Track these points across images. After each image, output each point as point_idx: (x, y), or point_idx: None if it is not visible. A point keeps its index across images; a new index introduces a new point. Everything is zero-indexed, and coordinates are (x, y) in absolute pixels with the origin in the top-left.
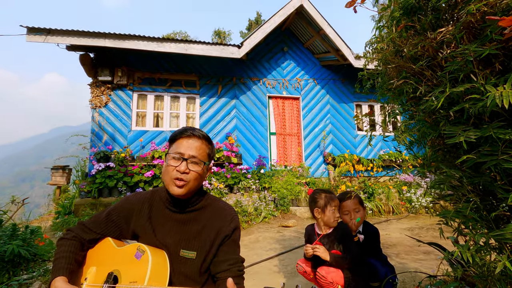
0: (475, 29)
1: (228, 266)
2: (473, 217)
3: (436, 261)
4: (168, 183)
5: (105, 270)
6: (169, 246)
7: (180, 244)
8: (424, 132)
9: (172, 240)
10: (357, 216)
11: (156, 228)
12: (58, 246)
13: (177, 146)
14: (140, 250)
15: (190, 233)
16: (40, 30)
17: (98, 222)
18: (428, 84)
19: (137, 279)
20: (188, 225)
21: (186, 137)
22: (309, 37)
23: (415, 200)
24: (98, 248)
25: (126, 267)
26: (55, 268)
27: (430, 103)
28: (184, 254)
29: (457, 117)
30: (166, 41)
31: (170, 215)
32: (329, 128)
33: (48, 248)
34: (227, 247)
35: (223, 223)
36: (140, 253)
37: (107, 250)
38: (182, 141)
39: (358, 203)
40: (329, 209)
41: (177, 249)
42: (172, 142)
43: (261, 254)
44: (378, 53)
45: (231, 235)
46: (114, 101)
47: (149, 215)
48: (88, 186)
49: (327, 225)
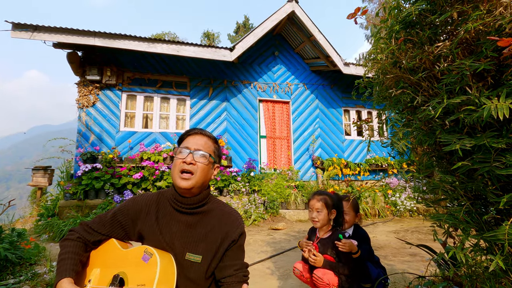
0: (470, 45)
1: (234, 272)
2: (465, 220)
3: (422, 262)
4: (175, 177)
5: (110, 272)
6: (175, 249)
7: (186, 247)
8: (420, 139)
9: (179, 243)
10: (347, 217)
11: (163, 230)
12: (62, 247)
13: (184, 143)
14: (148, 252)
15: (196, 236)
16: (26, 26)
17: (103, 223)
18: (424, 94)
19: (145, 282)
20: (195, 227)
21: (193, 134)
22: (300, 42)
23: (399, 203)
24: (102, 249)
25: (133, 269)
26: (60, 269)
27: (427, 112)
28: (190, 258)
29: (452, 126)
30: (157, 41)
31: (177, 216)
32: (318, 132)
33: (34, 251)
34: (233, 252)
35: (230, 228)
36: (148, 256)
37: (111, 252)
38: (189, 138)
39: (350, 206)
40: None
41: (183, 252)
42: (180, 142)
43: (253, 257)
44: (377, 63)
45: (238, 240)
46: (102, 101)
47: (156, 216)
48: (73, 187)
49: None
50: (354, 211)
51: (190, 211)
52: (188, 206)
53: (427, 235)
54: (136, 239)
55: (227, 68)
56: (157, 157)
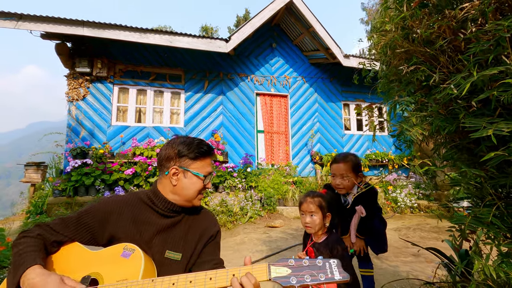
0: (504, 3)
1: (213, 266)
2: (496, 224)
3: (426, 263)
4: (193, 197)
5: (77, 276)
6: (155, 247)
7: (166, 246)
8: (438, 125)
9: (159, 241)
10: (343, 182)
11: (142, 231)
12: (19, 244)
13: (204, 165)
14: (129, 249)
15: (176, 235)
16: (10, 14)
17: (67, 224)
18: (443, 71)
19: (128, 277)
20: (174, 227)
21: (210, 156)
22: (299, 34)
23: (400, 200)
24: (64, 254)
25: (109, 268)
26: (21, 261)
27: (448, 91)
28: (170, 256)
29: (480, 107)
30: (149, 32)
31: (155, 217)
32: (316, 126)
33: (8, 253)
34: (211, 248)
35: (209, 224)
36: (129, 252)
37: (78, 255)
38: (208, 160)
39: (348, 167)
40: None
41: (163, 250)
42: (196, 159)
43: None
44: (384, 36)
45: (216, 236)
46: (93, 94)
47: (133, 217)
48: (62, 184)
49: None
50: (354, 172)
51: (168, 214)
52: (167, 209)
53: (429, 233)
54: (105, 244)
55: (223, 60)
56: (150, 152)
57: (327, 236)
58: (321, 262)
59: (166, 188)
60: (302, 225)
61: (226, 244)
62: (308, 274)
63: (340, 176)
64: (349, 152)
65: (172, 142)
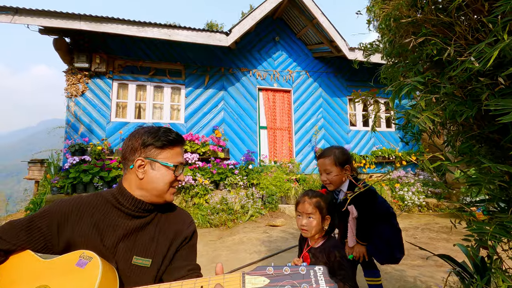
0: None
1: (188, 272)
2: None
3: (436, 267)
4: (166, 192)
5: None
6: (120, 254)
7: (133, 251)
8: (453, 110)
9: (125, 246)
10: (329, 177)
11: (105, 234)
12: None
13: (174, 154)
14: (86, 257)
15: (145, 238)
16: (6, 8)
17: (17, 230)
18: (459, 42)
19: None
20: (143, 229)
21: (180, 144)
22: (302, 27)
23: (408, 198)
24: (13, 264)
25: (61, 279)
26: None
27: (467, 65)
28: (137, 262)
29: (508, 85)
30: (148, 25)
31: (122, 219)
32: (321, 122)
33: None
34: (186, 252)
35: (182, 226)
36: (85, 260)
37: (28, 265)
38: (178, 149)
39: (330, 162)
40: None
41: (129, 256)
42: (163, 148)
43: (244, 258)
44: (387, 5)
45: (191, 238)
46: (92, 89)
47: (93, 219)
48: (61, 181)
49: None
50: (338, 166)
51: (137, 214)
52: (135, 207)
53: (439, 233)
54: (60, 251)
55: (224, 55)
56: None
57: (325, 240)
58: (304, 270)
59: (132, 184)
60: (298, 227)
61: (223, 243)
62: (289, 285)
63: (325, 172)
64: (334, 146)
65: (135, 133)
